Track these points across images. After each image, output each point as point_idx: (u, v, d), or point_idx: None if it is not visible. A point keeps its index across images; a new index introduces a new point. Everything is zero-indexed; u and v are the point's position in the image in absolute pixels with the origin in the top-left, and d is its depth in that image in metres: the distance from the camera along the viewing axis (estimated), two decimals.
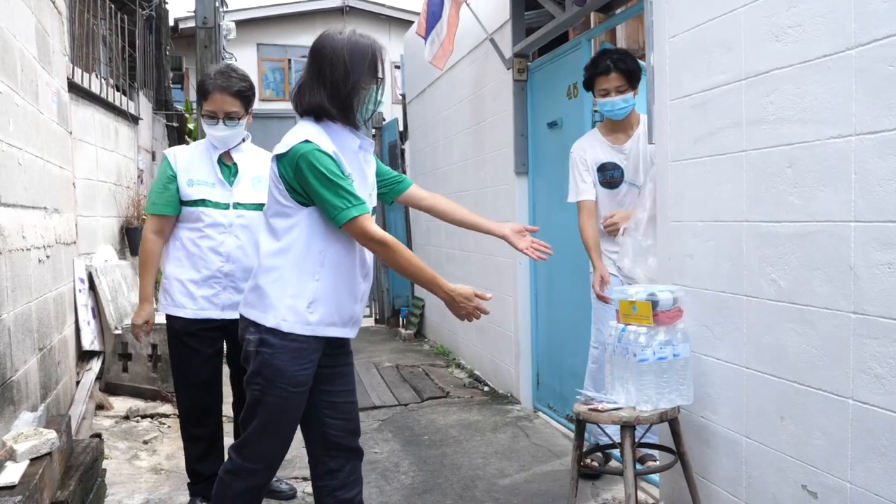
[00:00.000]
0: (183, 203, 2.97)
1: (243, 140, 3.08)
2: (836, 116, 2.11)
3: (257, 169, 3.04)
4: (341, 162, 2.14)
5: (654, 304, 2.52)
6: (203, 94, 2.93)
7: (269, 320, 2.17)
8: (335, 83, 2.14)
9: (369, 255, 2.31)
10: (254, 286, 2.23)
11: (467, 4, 4.83)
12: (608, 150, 3.44)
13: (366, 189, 2.27)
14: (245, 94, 2.96)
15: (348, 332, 2.29)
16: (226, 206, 2.96)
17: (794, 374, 2.31)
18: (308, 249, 2.17)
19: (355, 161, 2.24)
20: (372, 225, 2.13)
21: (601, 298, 3.31)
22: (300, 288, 2.17)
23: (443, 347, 6.85)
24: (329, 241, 2.18)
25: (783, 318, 2.34)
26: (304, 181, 2.11)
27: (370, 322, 9.13)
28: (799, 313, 2.27)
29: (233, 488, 2.25)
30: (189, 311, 2.97)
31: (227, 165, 3.03)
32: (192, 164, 2.99)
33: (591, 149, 3.46)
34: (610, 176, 3.43)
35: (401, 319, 8.28)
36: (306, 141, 2.11)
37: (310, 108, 2.19)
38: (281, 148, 2.16)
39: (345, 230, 2.14)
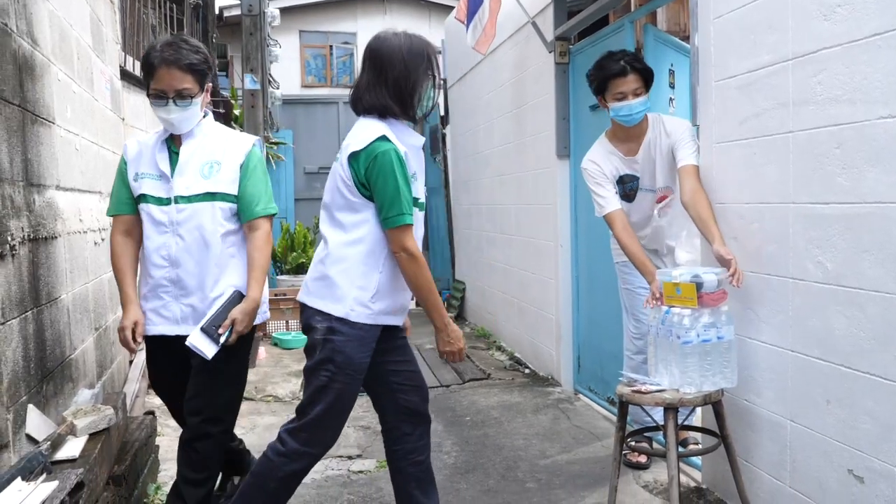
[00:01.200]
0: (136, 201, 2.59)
1: (204, 116, 2.63)
2: (886, 96, 2.07)
3: (212, 153, 2.57)
4: (408, 161, 2.24)
5: (699, 285, 2.51)
6: (148, 70, 2.47)
7: (337, 310, 2.26)
8: (396, 81, 2.24)
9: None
10: (321, 275, 2.30)
11: None
12: (623, 163, 3.21)
13: (423, 185, 2.37)
14: (198, 68, 2.50)
15: (399, 320, 2.42)
16: (167, 202, 2.52)
17: (842, 358, 2.29)
18: (377, 243, 2.27)
19: (417, 158, 2.33)
20: (412, 237, 2.23)
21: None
22: (367, 280, 2.27)
23: (483, 330, 6.88)
24: None
25: (830, 301, 2.32)
26: (373, 176, 2.18)
27: (411, 305, 9.16)
28: (847, 296, 2.25)
29: (283, 470, 2.31)
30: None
31: (177, 153, 2.58)
32: (141, 154, 2.60)
33: (605, 162, 3.21)
34: (629, 189, 3.25)
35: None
36: (384, 138, 2.19)
37: (372, 107, 2.27)
38: (356, 144, 2.22)
39: (389, 232, 2.22)
